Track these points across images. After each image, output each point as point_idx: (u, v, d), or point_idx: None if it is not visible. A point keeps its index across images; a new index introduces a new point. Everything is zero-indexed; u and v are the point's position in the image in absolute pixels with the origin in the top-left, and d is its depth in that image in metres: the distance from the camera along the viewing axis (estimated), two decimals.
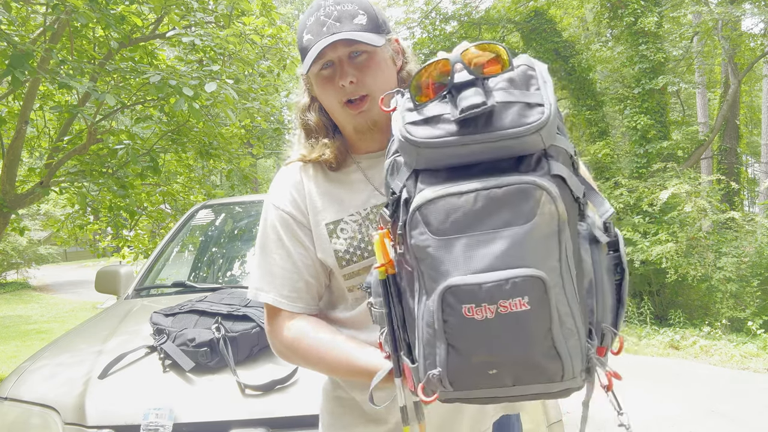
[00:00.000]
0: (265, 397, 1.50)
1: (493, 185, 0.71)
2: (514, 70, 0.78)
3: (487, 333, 0.70)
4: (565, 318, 0.71)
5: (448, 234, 0.73)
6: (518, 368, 0.73)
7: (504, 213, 0.71)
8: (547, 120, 0.72)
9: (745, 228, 8.32)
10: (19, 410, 1.58)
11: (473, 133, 0.73)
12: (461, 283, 0.70)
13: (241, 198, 3.60)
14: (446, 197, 0.73)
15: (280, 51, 5.02)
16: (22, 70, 2.83)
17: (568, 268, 0.72)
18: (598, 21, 10.43)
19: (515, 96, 0.75)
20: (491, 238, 0.71)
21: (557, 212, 0.71)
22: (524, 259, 0.70)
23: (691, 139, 9.95)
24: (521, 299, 0.69)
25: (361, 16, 1.00)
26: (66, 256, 26.02)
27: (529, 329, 0.70)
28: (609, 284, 0.79)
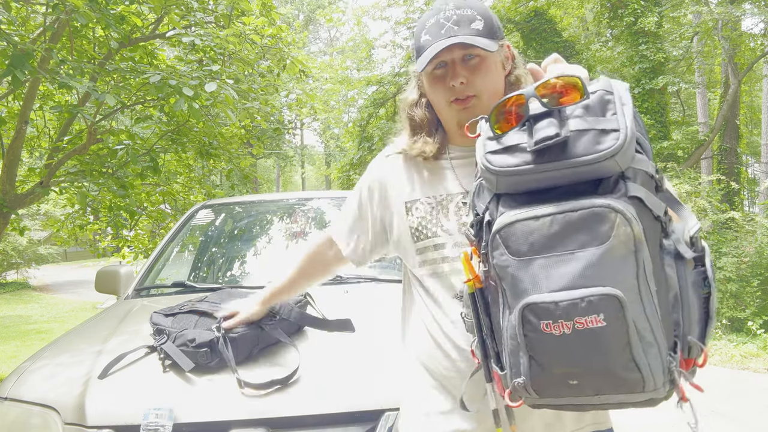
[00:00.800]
0: (265, 397, 1.50)
1: (569, 209, 0.77)
2: (590, 97, 0.81)
3: (566, 347, 0.76)
4: (644, 332, 0.75)
5: (526, 255, 0.79)
6: (598, 379, 0.77)
7: (580, 235, 0.76)
8: (621, 145, 0.76)
9: (745, 228, 8.32)
10: (19, 410, 1.58)
11: (548, 161, 0.79)
12: (539, 301, 0.76)
13: (241, 198, 3.60)
14: (524, 221, 0.79)
15: (280, 51, 5.02)
16: (22, 70, 2.83)
17: (647, 285, 0.76)
18: (598, 21, 10.43)
19: (590, 123, 0.79)
20: (568, 258, 0.76)
21: (632, 233, 0.74)
22: (600, 279, 0.74)
23: (691, 139, 9.96)
24: (596, 316, 0.73)
25: (479, 21, 1.06)
26: (66, 256, 26.03)
27: (606, 344, 0.74)
28: (695, 298, 0.81)
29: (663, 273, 0.80)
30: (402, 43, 13.34)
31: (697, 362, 0.82)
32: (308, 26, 29.81)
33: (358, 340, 1.77)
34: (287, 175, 35.28)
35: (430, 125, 1.18)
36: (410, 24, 12.09)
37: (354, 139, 13.65)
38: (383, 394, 1.46)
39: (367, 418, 1.43)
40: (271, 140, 18.66)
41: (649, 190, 0.79)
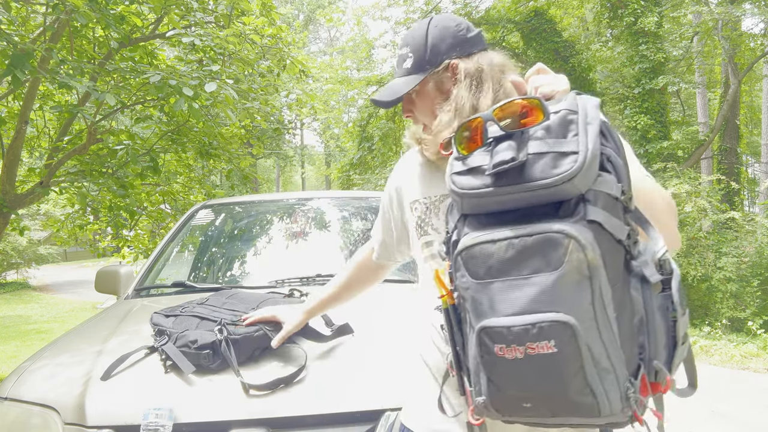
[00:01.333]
0: (265, 397, 1.50)
1: (525, 234, 0.77)
2: (551, 118, 0.81)
3: (518, 371, 0.77)
4: (599, 358, 0.75)
5: (484, 278, 0.80)
6: (551, 403, 0.78)
7: (534, 261, 0.76)
8: (579, 168, 0.76)
9: (745, 228, 8.32)
10: (19, 410, 1.58)
11: (506, 185, 0.79)
12: (493, 325, 0.78)
13: (241, 198, 3.60)
14: (482, 244, 0.80)
15: (280, 51, 5.02)
16: (22, 70, 2.83)
17: (604, 311, 0.75)
18: (598, 21, 10.43)
19: (549, 145, 0.79)
20: (522, 283, 0.76)
21: (586, 259, 0.74)
22: (553, 305, 0.74)
23: (691, 139, 9.96)
24: (547, 342, 0.74)
25: (409, 59, 1.17)
26: (66, 256, 26.03)
27: (557, 369, 0.75)
28: (662, 322, 0.80)
29: (628, 296, 0.80)
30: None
31: (661, 387, 0.81)
32: (308, 26, 29.81)
33: (359, 340, 1.77)
34: (287, 175, 35.28)
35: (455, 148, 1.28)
36: (410, 24, 12.09)
37: (354, 139, 13.65)
38: (383, 394, 1.46)
39: (367, 418, 1.43)
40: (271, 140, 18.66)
41: (611, 213, 0.78)
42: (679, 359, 0.82)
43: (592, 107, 0.82)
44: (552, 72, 0.98)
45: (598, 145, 0.79)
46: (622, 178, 0.82)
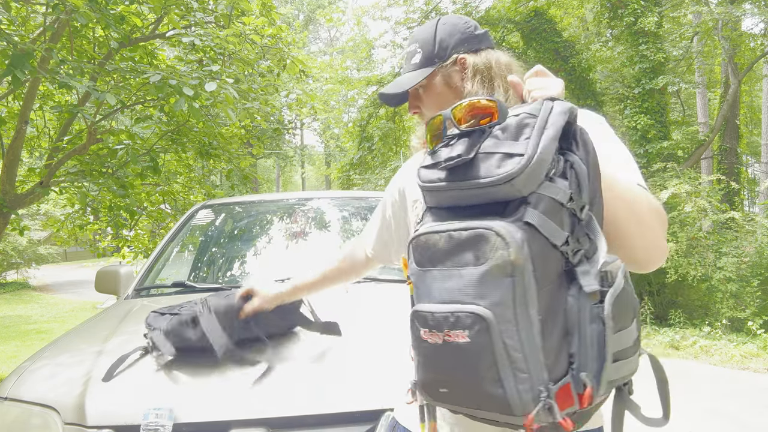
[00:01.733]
0: (265, 397, 1.50)
1: (462, 228, 0.80)
2: (508, 120, 0.83)
3: (437, 356, 0.81)
4: (514, 356, 0.75)
5: (425, 266, 0.85)
6: (465, 391, 0.81)
7: (465, 254, 0.79)
8: (520, 170, 0.77)
9: (745, 228, 8.32)
10: (19, 410, 1.58)
11: (455, 180, 0.84)
12: (421, 309, 0.83)
13: (241, 198, 3.60)
14: (428, 234, 0.85)
15: (280, 51, 5.02)
16: (22, 70, 2.83)
17: (526, 310, 0.75)
18: (598, 21, 10.43)
19: (499, 147, 0.81)
20: (452, 274, 0.80)
21: (509, 258, 0.75)
22: (474, 297, 0.77)
23: (691, 139, 9.96)
24: (462, 332, 0.77)
25: (418, 54, 1.20)
26: (66, 256, 26.03)
27: (470, 359, 0.77)
28: (593, 334, 0.79)
29: (564, 302, 0.80)
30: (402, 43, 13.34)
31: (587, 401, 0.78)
32: (308, 26, 29.81)
33: (359, 340, 1.77)
34: (287, 175, 35.29)
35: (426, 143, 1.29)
36: (410, 24, 12.10)
37: (354, 139, 13.65)
38: (383, 394, 1.46)
39: (367, 418, 1.43)
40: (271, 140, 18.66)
41: (551, 217, 0.79)
42: (608, 377, 0.79)
43: (556, 113, 0.83)
44: (551, 75, 0.99)
45: (550, 149, 0.80)
46: (582, 187, 0.83)
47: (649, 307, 7.91)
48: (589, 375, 0.79)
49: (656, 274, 7.99)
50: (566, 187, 0.81)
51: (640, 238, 0.94)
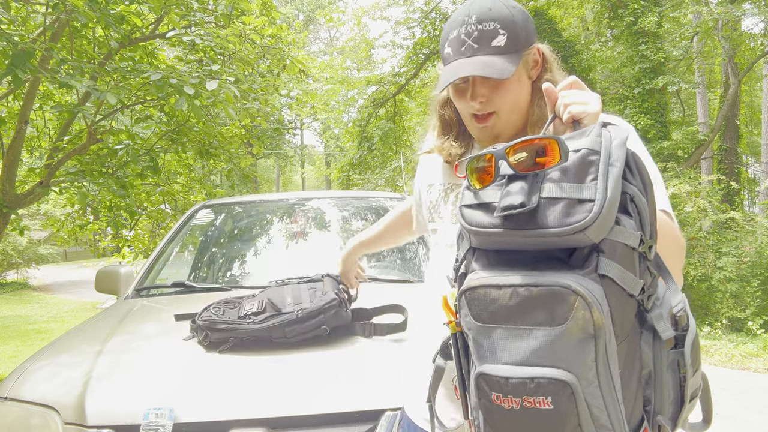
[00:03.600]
0: (265, 397, 1.50)
1: (530, 283, 0.73)
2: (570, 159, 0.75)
3: (514, 422, 0.75)
4: (599, 415, 0.72)
5: (486, 322, 0.77)
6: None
7: (538, 313, 0.72)
8: (594, 218, 0.71)
9: (745, 228, 8.32)
10: (19, 410, 1.58)
11: (515, 228, 0.75)
12: (492, 373, 0.75)
13: (241, 198, 3.60)
14: (486, 288, 0.77)
15: (280, 51, 5.02)
16: (23, 69, 2.83)
17: (607, 368, 0.72)
18: (598, 21, 10.43)
19: (564, 190, 0.74)
20: (525, 333, 0.73)
21: (592, 318, 0.70)
22: (554, 360, 0.72)
23: (691, 139, 9.96)
24: (544, 398, 0.71)
25: (501, 36, 1.01)
26: (66, 256, 26.02)
27: (553, 425, 0.73)
28: (671, 379, 0.78)
29: (638, 349, 0.77)
30: (402, 43, 13.34)
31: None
32: (308, 26, 29.80)
33: (359, 340, 1.77)
34: (287, 175, 35.28)
35: (459, 124, 1.19)
36: (410, 24, 12.09)
37: (354, 139, 13.66)
38: (383, 394, 1.46)
39: (367, 418, 1.43)
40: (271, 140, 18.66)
41: (626, 266, 0.74)
42: (685, 416, 0.80)
43: (617, 146, 0.76)
44: (586, 87, 0.91)
45: (618, 191, 0.74)
46: (644, 223, 0.77)
47: None
48: (665, 418, 0.78)
49: None
50: (634, 228, 0.75)
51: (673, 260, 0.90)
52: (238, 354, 1.71)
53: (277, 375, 1.62)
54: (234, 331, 1.72)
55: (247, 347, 1.73)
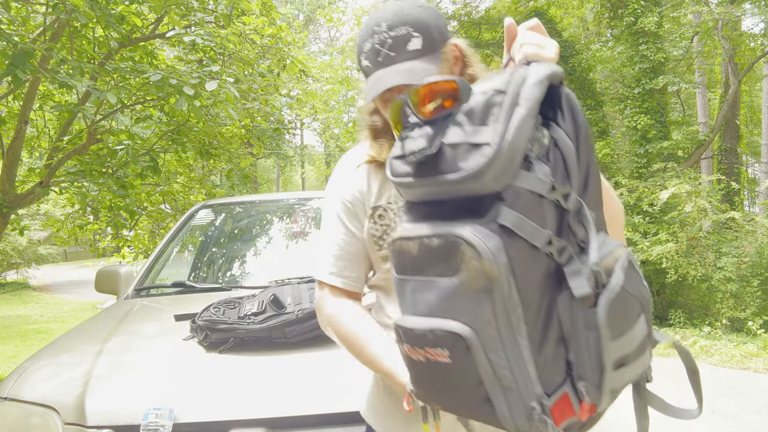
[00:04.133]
0: (265, 397, 1.50)
1: (432, 234, 0.71)
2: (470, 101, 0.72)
3: (423, 373, 0.75)
4: (502, 373, 0.68)
5: (401, 274, 0.78)
6: (456, 407, 0.75)
7: (438, 264, 0.71)
8: (490, 163, 0.67)
9: (745, 228, 8.32)
10: (19, 410, 1.58)
11: (423, 176, 0.73)
12: (402, 324, 0.75)
13: (241, 198, 3.60)
14: (402, 239, 0.76)
15: (280, 51, 5.02)
16: (23, 69, 2.83)
17: (509, 323, 0.67)
18: (598, 21, 10.43)
19: (465, 134, 0.70)
20: (429, 285, 0.72)
21: (482, 269, 0.66)
22: (453, 313, 0.69)
23: (691, 139, 9.96)
24: (442, 351, 0.70)
25: (415, 39, 0.96)
26: (66, 256, 26.02)
27: (454, 380, 0.71)
28: (590, 342, 0.70)
29: (555, 307, 0.71)
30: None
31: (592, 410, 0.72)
32: (308, 26, 29.79)
33: None
34: (287, 175, 35.28)
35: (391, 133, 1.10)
36: None
37: (354, 139, 13.64)
38: None
39: None
40: (271, 140, 18.65)
41: (530, 214, 0.68)
42: (609, 386, 0.71)
43: (531, 84, 0.70)
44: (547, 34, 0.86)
45: (523, 133, 0.68)
46: (570, 170, 0.72)
47: None
48: (588, 385, 0.71)
49: (656, 274, 7.99)
50: (546, 175, 0.70)
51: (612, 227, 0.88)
52: (238, 354, 1.71)
53: (277, 375, 1.62)
54: (234, 332, 1.73)
55: (247, 347, 1.74)
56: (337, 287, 1.12)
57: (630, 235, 7.92)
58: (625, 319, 0.72)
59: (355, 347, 1.05)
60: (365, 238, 1.11)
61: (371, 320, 1.08)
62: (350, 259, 1.12)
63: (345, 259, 1.12)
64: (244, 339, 1.74)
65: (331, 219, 1.15)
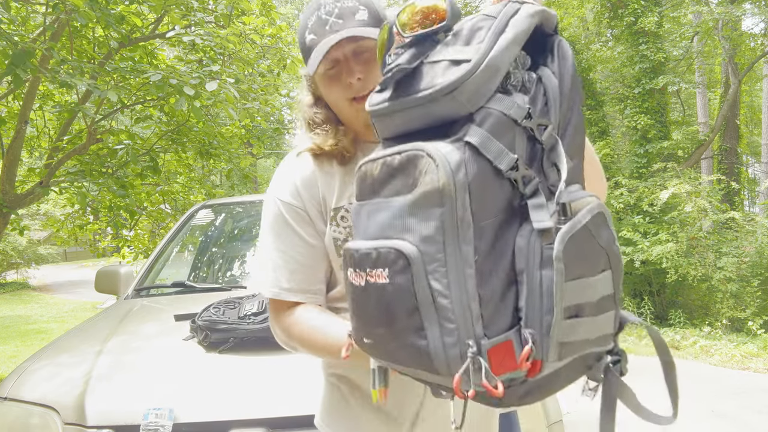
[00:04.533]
0: (265, 397, 1.50)
1: (395, 151, 0.68)
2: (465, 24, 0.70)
3: (361, 300, 0.70)
4: (441, 301, 0.62)
5: (360, 199, 0.74)
6: (386, 342, 0.69)
7: (396, 182, 0.68)
8: (464, 78, 0.64)
9: (746, 228, 8.32)
10: (19, 410, 1.58)
11: (397, 98, 0.70)
12: (348, 247, 0.72)
13: (241, 198, 3.60)
14: (366, 163, 0.73)
15: (280, 51, 5.02)
16: (23, 69, 2.83)
17: (457, 248, 0.62)
18: (598, 21, 10.43)
19: (447, 53, 0.68)
20: (384, 206, 0.69)
21: (438, 182, 0.62)
22: (402, 232, 0.65)
23: (691, 139, 9.96)
24: (381, 271, 0.66)
25: (362, 11, 0.97)
26: (66, 256, 26.01)
27: (390, 304, 0.66)
28: (544, 281, 0.63)
29: (512, 242, 0.65)
30: None
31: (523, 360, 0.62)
32: None
33: None
34: None
35: (335, 123, 1.06)
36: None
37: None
38: None
39: None
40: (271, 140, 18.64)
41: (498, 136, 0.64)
42: (558, 336, 0.62)
43: (523, 15, 0.68)
44: None
45: (506, 57, 0.66)
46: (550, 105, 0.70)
47: (649, 307, 7.91)
48: (535, 333, 0.62)
49: (656, 274, 8.00)
50: (524, 102, 0.67)
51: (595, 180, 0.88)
52: (238, 354, 1.71)
53: (277, 375, 1.62)
54: (234, 332, 1.73)
55: (247, 347, 1.74)
56: (299, 303, 1.04)
57: (630, 235, 7.92)
58: (584, 262, 0.66)
59: (320, 337, 0.97)
60: (326, 244, 1.04)
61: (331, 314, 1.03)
62: (307, 272, 1.03)
63: (302, 273, 1.03)
64: (244, 339, 1.73)
65: (277, 227, 1.05)
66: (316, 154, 1.05)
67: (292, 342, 1.05)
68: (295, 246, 1.03)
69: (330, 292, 1.09)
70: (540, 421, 1.71)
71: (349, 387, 1.08)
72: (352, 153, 1.04)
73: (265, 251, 1.06)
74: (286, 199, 1.05)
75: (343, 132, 1.04)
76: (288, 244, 1.04)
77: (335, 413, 1.12)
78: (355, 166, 0.89)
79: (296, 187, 1.05)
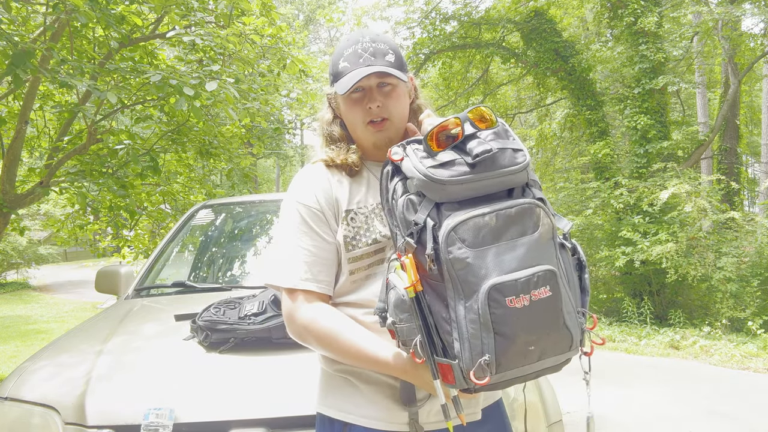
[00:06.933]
0: (265, 397, 1.50)
1: (506, 206, 0.96)
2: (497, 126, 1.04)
3: (526, 317, 0.92)
4: (566, 299, 0.97)
5: (480, 246, 0.94)
6: (548, 341, 0.95)
7: (518, 226, 0.96)
8: (529, 161, 1.02)
9: (745, 228, 8.33)
10: (20, 410, 1.58)
11: (483, 171, 0.98)
12: (503, 280, 0.92)
13: (241, 198, 3.60)
14: (474, 218, 0.95)
15: (280, 51, 5.02)
16: (24, 69, 2.83)
17: (561, 263, 1.01)
18: (598, 21, 10.44)
19: (504, 143, 1.01)
20: (513, 246, 0.95)
21: (551, 223, 1.00)
22: (539, 259, 0.95)
23: (691, 139, 9.95)
24: (545, 288, 0.93)
25: (391, 55, 1.22)
26: (66, 256, 26.01)
27: (552, 310, 0.94)
28: (576, 279, 1.06)
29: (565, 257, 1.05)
30: (402, 43, 13.34)
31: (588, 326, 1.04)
32: (308, 26, 29.79)
33: None
34: (287, 175, 35.26)
35: (348, 141, 1.29)
36: (410, 24, 12.09)
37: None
38: None
39: None
40: (271, 140, 18.66)
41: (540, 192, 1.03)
42: (586, 306, 1.06)
43: None
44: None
45: None
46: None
47: (649, 307, 7.90)
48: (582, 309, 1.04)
49: (656, 274, 8.00)
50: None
51: None
52: (238, 354, 1.71)
53: (277, 375, 1.62)
54: (234, 332, 1.73)
55: (247, 348, 1.74)
56: (313, 292, 1.18)
57: (630, 235, 7.92)
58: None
59: (339, 341, 1.13)
60: (338, 242, 1.21)
61: (347, 317, 1.18)
62: (325, 264, 1.20)
63: (319, 265, 1.20)
64: (245, 339, 1.73)
65: (296, 226, 1.22)
66: (328, 165, 1.26)
67: (312, 342, 1.18)
68: (314, 242, 1.20)
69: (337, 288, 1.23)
70: (540, 421, 1.71)
71: (359, 379, 1.19)
72: (359, 168, 1.26)
73: (284, 248, 1.22)
74: (306, 202, 1.23)
75: (353, 150, 1.27)
76: (306, 241, 1.20)
77: (345, 397, 1.21)
78: (361, 177, 1.26)
79: (314, 192, 1.23)
